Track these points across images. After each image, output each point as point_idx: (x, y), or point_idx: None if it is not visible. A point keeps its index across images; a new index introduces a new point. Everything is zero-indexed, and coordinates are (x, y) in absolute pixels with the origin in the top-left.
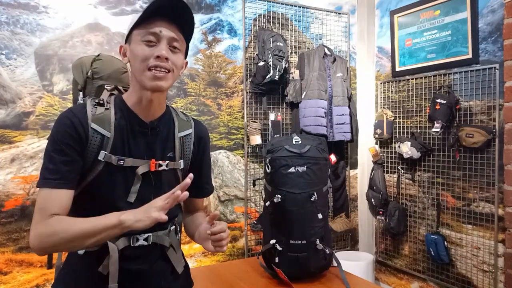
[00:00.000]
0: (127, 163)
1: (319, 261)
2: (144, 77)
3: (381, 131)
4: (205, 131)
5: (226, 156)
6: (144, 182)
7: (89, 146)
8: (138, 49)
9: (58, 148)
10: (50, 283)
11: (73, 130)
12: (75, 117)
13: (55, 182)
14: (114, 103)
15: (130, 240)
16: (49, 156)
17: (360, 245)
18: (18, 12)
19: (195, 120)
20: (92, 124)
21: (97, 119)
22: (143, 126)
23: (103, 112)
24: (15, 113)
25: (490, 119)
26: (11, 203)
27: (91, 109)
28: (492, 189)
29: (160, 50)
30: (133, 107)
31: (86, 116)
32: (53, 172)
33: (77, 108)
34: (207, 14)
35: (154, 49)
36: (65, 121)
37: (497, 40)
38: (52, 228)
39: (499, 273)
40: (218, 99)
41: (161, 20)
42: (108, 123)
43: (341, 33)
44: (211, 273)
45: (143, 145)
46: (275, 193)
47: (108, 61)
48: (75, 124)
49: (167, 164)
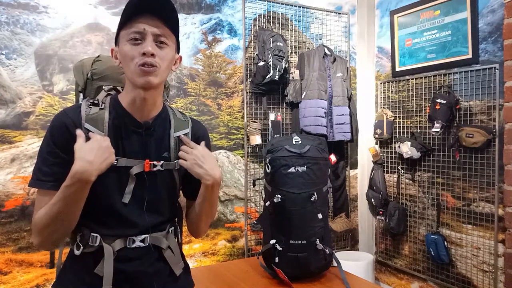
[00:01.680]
0: (121, 163)
1: (319, 261)
2: (133, 75)
3: (381, 131)
4: (203, 131)
5: (226, 156)
6: (138, 183)
7: None
8: (125, 49)
9: (51, 150)
10: (50, 283)
11: (66, 131)
12: (68, 117)
13: (49, 184)
14: (110, 103)
15: (126, 242)
16: (43, 157)
17: (360, 245)
18: (18, 12)
19: (193, 120)
20: (86, 124)
21: (90, 119)
22: (137, 126)
23: (97, 112)
24: (15, 113)
25: (490, 119)
26: (11, 203)
27: (85, 109)
28: (492, 189)
29: (145, 46)
30: (127, 107)
31: (79, 116)
32: (47, 174)
33: (71, 109)
34: (207, 14)
35: (140, 46)
36: (57, 123)
37: (497, 40)
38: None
39: (499, 273)
40: (218, 99)
41: (144, 17)
42: (101, 123)
43: (341, 33)
44: (211, 273)
45: (138, 145)
46: (275, 193)
47: (107, 61)
48: (68, 125)
49: (162, 164)
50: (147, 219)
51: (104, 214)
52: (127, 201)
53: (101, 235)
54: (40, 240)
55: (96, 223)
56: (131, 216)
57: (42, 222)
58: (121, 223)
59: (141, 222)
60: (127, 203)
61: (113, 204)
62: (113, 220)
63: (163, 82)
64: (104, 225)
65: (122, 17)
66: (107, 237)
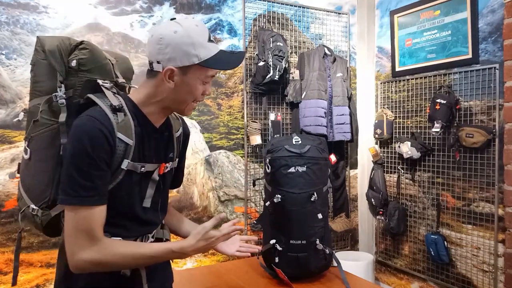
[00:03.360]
0: (148, 168)
1: (319, 261)
2: (186, 107)
3: (381, 131)
4: (188, 128)
5: (226, 156)
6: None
7: (115, 155)
8: (196, 86)
9: (92, 162)
10: (50, 283)
11: (105, 143)
12: (104, 127)
13: (94, 199)
14: (128, 108)
15: (143, 240)
16: (83, 171)
17: (360, 245)
18: (18, 12)
19: (181, 118)
20: (118, 134)
21: (121, 127)
22: (154, 131)
23: (124, 119)
24: (15, 113)
25: (490, 119)
26: (11, 203)
27: (113, 116)
28: (492, 189)
29: (208, 89)
30: (149, 115)
31: (112, 125)
32: (90, 189)
33: (100, 116)
34: (207, 14)
35: (204, 87)
36: (97, 133)
37: (497, 40)
38: (110, 254)
39: (499, 273)
40: (218, 99)
41: None
42: (130, 130)
43: (341, 33)
44: (211, 273)
45: (154, 149)
46: (275, 193)
47: (96, 51)
48: (106, 135)
49: (170, 164)
50: (160, 217)
51: (125, 218)
52: (148, 205)
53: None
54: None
55: (116, 226)
56: (149, 219)
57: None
58: (140, 226)
59: (157, 222)
60: (148, 207)
61: (134, 208)
62: (133, 224)
63: None
64: (123, 227)
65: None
66: (127, 238)
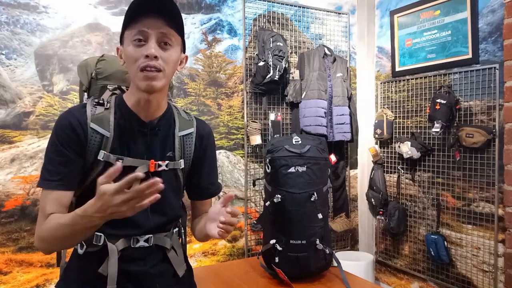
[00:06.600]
0: (126, 163)
1: (319, 261)
2: (137, 79)
3: (381, 131)
4: (207, 131)
5: (226, 156)
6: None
7: (89, 146)
8: (128, 50)
9: (57, 149)
10: (50, 283)
11: (72, 131)
12: (74, 117)
13: (54, 184)
14: (115, 103)
15: (130, 241)
16: (49, 157)
17: (360, 245)
18: (18, 12)
19: (198, 119)
20: (92, 124)
21: (96, 119)
22: (142, 126)
23: (103, 112)
24: (15, 113)
25: (490, 119)
26: (11, 203)
27: (91, 109)
28: (492, 189)
29: (148, 48)
30: (132, 107)
31: (85, 116)
32: (53, 174)
33: (77, 108)
34: (207, 14)
35: (143, 48)
36: (64, 122)
37: (497, 40)
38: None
39: (499, 273)
40: (218, 99)
41: (147, 17)
42: (107, 122)
43: (341, 33)
44: (211, 273)
45: (143, 145)
46: (275, 193)
47: (112, 61)
48: (74, 125)
49: (166, 164)
50: (151, 220)
51: None
52: None
53: (105, 234)
54: (44, 248)
55: None
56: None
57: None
58: (126, 223)
59: (145, 222)
60: None
61: None
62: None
63: (167, 84)
64: (108, 224)
65: (126, 16)
66: (111, 236)
